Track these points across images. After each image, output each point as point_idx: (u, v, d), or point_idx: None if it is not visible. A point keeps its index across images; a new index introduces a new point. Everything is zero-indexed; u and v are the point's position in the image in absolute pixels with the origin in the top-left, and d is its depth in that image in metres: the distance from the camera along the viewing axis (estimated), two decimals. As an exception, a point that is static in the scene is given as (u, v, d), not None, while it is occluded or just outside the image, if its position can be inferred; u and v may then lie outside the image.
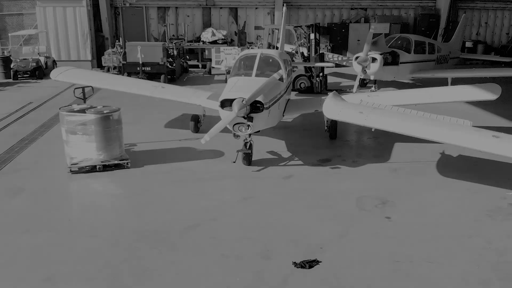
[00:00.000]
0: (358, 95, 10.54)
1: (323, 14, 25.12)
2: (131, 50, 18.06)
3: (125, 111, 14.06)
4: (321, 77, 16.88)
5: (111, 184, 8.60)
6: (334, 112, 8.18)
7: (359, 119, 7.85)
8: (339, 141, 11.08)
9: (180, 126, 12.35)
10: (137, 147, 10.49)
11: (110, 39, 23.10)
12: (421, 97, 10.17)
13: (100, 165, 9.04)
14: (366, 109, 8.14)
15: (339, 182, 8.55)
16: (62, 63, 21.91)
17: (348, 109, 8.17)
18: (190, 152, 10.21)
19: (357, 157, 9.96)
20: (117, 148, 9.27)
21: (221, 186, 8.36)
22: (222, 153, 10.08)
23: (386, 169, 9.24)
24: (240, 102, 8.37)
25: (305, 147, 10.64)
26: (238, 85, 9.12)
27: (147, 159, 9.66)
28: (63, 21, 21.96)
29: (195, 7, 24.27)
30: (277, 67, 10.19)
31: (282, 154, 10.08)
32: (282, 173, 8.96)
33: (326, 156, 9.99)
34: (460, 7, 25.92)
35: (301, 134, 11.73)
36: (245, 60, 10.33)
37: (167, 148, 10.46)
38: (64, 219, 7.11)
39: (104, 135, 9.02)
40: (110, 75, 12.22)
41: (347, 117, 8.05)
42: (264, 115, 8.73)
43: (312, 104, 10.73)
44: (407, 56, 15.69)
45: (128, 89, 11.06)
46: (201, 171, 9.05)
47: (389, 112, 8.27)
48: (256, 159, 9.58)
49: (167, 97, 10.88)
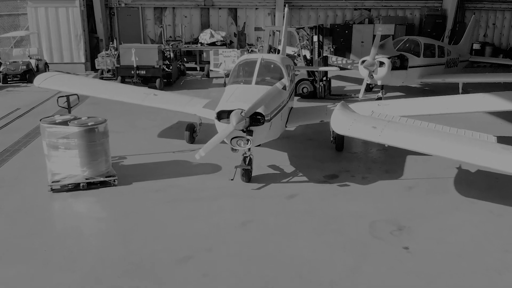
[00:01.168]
0: (368, 104, 9.70)
1: (325, 15, 24.28)
2: (125, 52, 17.21)
3: (116, 118, 13.43)
4: (325, 82, 16.05)
5: (96, 205, 7.77)
6: (343, 127, 7.34)
7: (373, 135, 7.01)
8: (346, 153, 10.25)
9: (175, 135, 11.51)
10: (127, 160, 9.66)
11: (104, 41, 22.25)
12: (435, 107, 9.32)
13: (84, 182, 8.21)
14: (379, 123, 7.30)
15: (349, 203, 7.71)
16: (55, 66, 21.26)
17: (360, 123, 7.33)
18: (184, 166, 9.38)
19: (366, 172, 9.12)
20: (103, 163, 8.44)
21: (217, 207, 7.52)
22: (219, 167, 9.25)
23: (400, 187, 8.41)
24: (239, 114, 7.54)
25: (309, 160, 9.80)
26: (237, 95, 8.29)
27: (136, 175, 8.83)
28: (55, 22, 21.12)
29: (193, 7, 23.43)
30: (279, 74, 9.38)
31: (285, 169, 9.25)
32: (285, 191, 8.12)
33: (333, 171, 9.15)
34: (467, 7, 25.08)
35: (304, 145, 10.90)
36: (244, 66, 9.50)
37: (159, 162, 9.62)
38: (40, 248, 6.28)
39: (88, 149, 8.20)
40: (99, 81, 11.39)
41: (359, 132, 7.20)
42: (265, 128, 7.90)
43: (317, 114, 9.89)
44: (416, 60, 14.84)
45: (116, 96, 10.22)
46: (195, 189, 8.22)
47: (406, 126, 7.42)
48: (256, 174, 8.75)
49: (159, 106, 10.04)
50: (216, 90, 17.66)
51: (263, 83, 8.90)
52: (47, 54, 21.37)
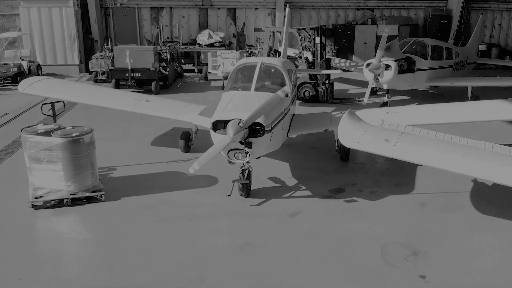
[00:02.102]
0: (376, 112, 9.03)
1: (327, 15, 23.59)
2: (119, 54, 16.50)
3: (108, 123, 12.74)
4: (327, 85, 15.36)
5: (79, 224, 7.09)
6: (352, 140, 6.64)
7: (386, 150, 6.32)
8: (352, 164, 9.56)
9: (169, 143, 10.83)
10: (116, 172, 8.98)
11: (99, 42, 21.55)
12: (449, 116, 8.61)
13: (69, 198, 7.54)
14: (392, 135, 6.62)
15: (357, 222, 7.03)
16: (48, 68, 20.61)
17: (370, 136, 6.64)
18: (178, 178, 8.69)
19: (375, 185, 8.44)
20: (89, 177, 7.76)
21: (213, 228, 6.83)
22: (215, 180, 8.58)
23: (412, 203, 7.72)
24: (236, 124, 6.86)
25: (313, 171, 9.12)
26: (234, 103, 7.61)
27: (126, 188, 8.16)
28: (48, 22, 20.41)
29: (191, 7, 22.73)
30: (281, 79, 8.70)
31: (286, 182, 8.56)
32: (287, 208, 7.43)
33: (339, 184, 8.47)
34: (472, 7, 24.40)
35: (307, 154, 10.21)
36: (243, 70, 8.82)
37: (151, 173, 8.94)
38: (15, 277, 5.61)
39: (73, 162, 7.53)
40: (88, 86, 10.70)
41: (370, 146, 6.51)
42: (265, 139, 7.22)
43: (321, 122, 9.20)
44: (424, 62, 14.14)
45: (105, 103, 9.54)
46: (189, 206, 7.54)
47: (422, 139, 6.72)
48: (255, 188, 8.08)
49: (152, 113, 9.35)
50: (214, 94, 16.97)
51: (263, 89, 8.23)
52: (40, 55, 20.67)
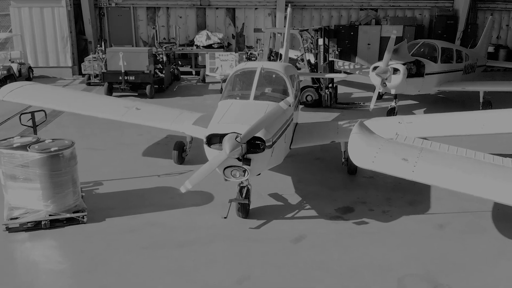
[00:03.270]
0: (387, 121, 8.27)
1: (329, 15, 22.78)
2: (112, 56, 15.69)
3: (99, 131, 11.87)
4: (331, 89, 14.58)
5: (57, 251, 6.33)
6: (366, 159, 5.84)
7: (404, 171, 5.53)
8: (360, 178, 8.78)
9: (162, 153, 10.05)
10: (103, 187, 8.20)
11: (93, 43, 20.75)
12: (469, 126, 7.80)
13: (47, 220, 6.78)
14: (411, 153, 5.83)
15: (369, 248, 6.25)
16: (40, 70, 19.83)
17: (386, 154, 5.85)
18: (170, 194, 7.91)
19: (387, 204, 7.66)
20: (71, 195, 7.00)
21: (206, 257, 6.05)
22: (211, 197, 7.82)
23: (429, 225, 6.94)
24: (233, 139, 6.09)
25: (317, 186, 8.34)
26: (231, 113, 6.83)
27: (111, 207, 7.39)
28: (40, 23, 19.57)
29: (188, 7, 21.92)
30: (283, 86, 7.93)
31: (289, 199, 7.79)
32: (290, 232, 6.65)
33: (347, 202, 7.69)
34: (479, 8, 23.61)
35: (311, 166, 9.42)
36: (241, 76, 8.05)
37: (141, 189, 8.17)
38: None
39: (51, 180, 6.78)
40: (74, 93, 9.91)
41: (386, 166, 5.70)
42: (265, 155, 6.44)
43: (327, 133, 8.41)
44: (433, 66, 13.33)
45: (92, 111, 8.76)
46: (181, 229, 6.76)
47: (444, 157, 5.93)
48: (254, 207, 7.31)
49: (141, 123, 8.57)
50: (211, 97, 16.19)
51: (263, 98, 7.46)
52: (31, 57, 19.85)
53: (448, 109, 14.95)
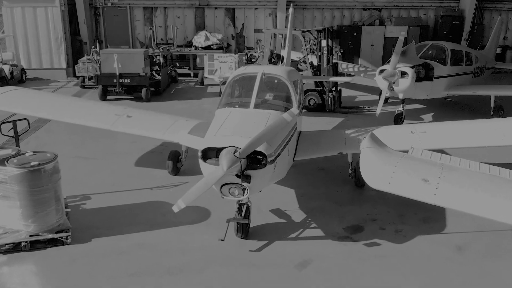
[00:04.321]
0: (399, 130, 7.65)
1: (331, 15, 22.17)
2: (106, 58, 15.07)
3: (91, 138, 11.15)
4: (334, 92, 13.96)
5: (36, 279, 5.69)
6: (381, 179, 5.18)
7: (426, 194, 4.88)
8: (369, 191, 8.11)
9: (156, 163, 9.42)
10: (90, 202, 7.58)
11: (89, 44, 20.12)
12: (487, 137, 7.15)
13: (27, 241, 6.15)
14: (431, 172, 5.19)
15: (382, 276, 5.62)
16: (33, 72, 19.24)
17: (404, 173, 5.21)
18: (163, 210, 7.28)
19: (399, 221, 7.03)
20: (53, 214, 6.37)
21: (201, 285, 5.42)
22: (207, 213, 7.19)
23: (447, 247, 6.31)
24: (231, 154, 5.46)
25: (323, 201, 7.72)
26: (229, 124, 6.20)
27: (98, 225, 6.77)
28: (33, 23, 18.97)
29: (187, 7, 21.30)
30: (286, 92, 7.30)
31: (292, 215, 7.16)
32: (294, 255, 6.02)
33: (355, 219, 7.06)
34: (485, 8, 23.00)
35: (315, 178, 8.79)
36: (240, 82, 7.42)
37: (132, 204, 7.54)
38: None
39: (32, 197, 6.17)
40: (62, 99, 9.23)
41: (405, 188, 5.04)
42: (267, 171, 5.81)
43: (334, 143, 7.77)
44: (443, 69, 12.69)
45: (80, 119, 8.13)
46: (173, 251, 6.13)
47: (470, 177, 5.28)
48: (255, 225, 6.70)
49: (133, 132, 7.94)
50: (210, 101, 15.59)
51: (264, 106, 6.83)
52: (24, 59, 19.25)
53: (456, 113, 14.36)
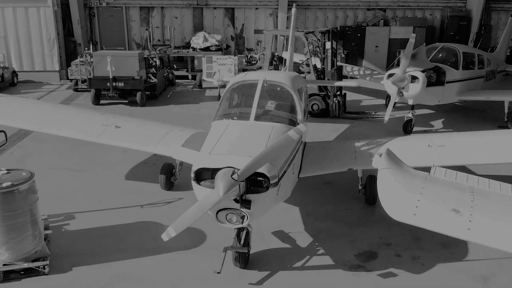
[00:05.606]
0: (414, 142, 6.95)
1: (334, 16, 21.44)
2: (99, 61, 14.34)
3: (77, 147, 10.14)
4: (339, 97, 13.25)
5: (3, 318, 4.98)
6: (405, 210, 4.42)
7: (457, 228, 4.11)
8: (380, 209, 7.27)
9: (149, 175, 8.71)
10: (74, 222, 6.86)
11: (83, 45, 19.39)
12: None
13: (0, 271, 5.44)
14: (462, 200, 4.46)
15: (401, 315, 4.91)
16: (25, 74, 18.51)
17: (431, 202, 4.47)
18: (153, 232, 6.53)
19: (415, 246, 6.31)
20: (29, 240, 5.66)
21: (193, 328, 4.72)
22: (202, 236, 6.49)
23: (470, 277, 5.60)
24: (229, 176, 4.75)
25: (331, 222, 7.00)
26: (227, 140, 5.48)
27: (81, 251, 6.06)
28: (25, 24, 18.25)
29: (184, 7, 20.58)
30: (290, 102, 6.60)
31: (297, 239, 6.44)
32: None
33: (367, 244, 6.34)
34: (493, 8, 22.30)
35: (321, 193, 8.07)
36: (239, 90, 6.71)
37: (120, 224, 6.83)
38: None
39: (5, 222, 5.50)
40: (46, 108, 8.44)
41: (433, 221, 4.26)
42: (270, 195, 5.09)
43: (343, 158, 7.02)
44: (455, 73, 11.97)
45: (63, 131, 7.40)
46: (162, 285, 5.41)
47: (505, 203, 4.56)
48: (256, 251, 5.98)
49: (120, 145, 7.22)
50: (208, 105, 14.87)
51: (266, 118, 6.11)
52: (15, 61, 18.54)
53: (467, 118, 13.65)
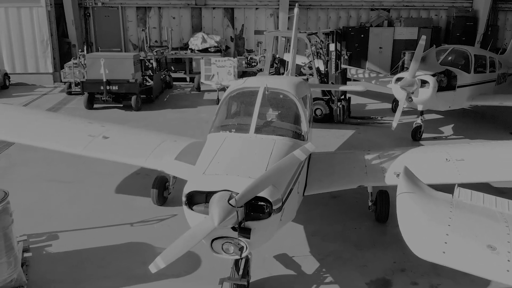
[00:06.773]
0: (431, 156, 6.33)
1: (337, 16, 20.82)
2: (93, 63, 13.73)
3: (67, 155, 9.66)
4: (343, 101, 12.62)
5: None
6: (433, 247, 3.78)
7: (494, 268, 3.44)
8: (393, 228, 6.78)
9: (141, 188, 8.09)
10: (57, 243, 6.24)
11: (77, 47, 18.76)
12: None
13: (-33, 305, 4.85)
14: (497, 233, 3.83)
15: None
16: (17, 77, 17.94)
17: (461, 236, 3.82)
18: (142, 255, 5.94)
19: (434, 272, 5.68)
20: (4, 268, 5.06)
21: None
22: (197, 261, 5.86)
23: (500, 313, 4.98)
24: (225, 201, 4.11)
25: (339, 242, 6.37)
26: (223, 157, 4.85)
27: (62, 278, 5.45)
28: (17, 24, 17.64)
29: (182, 7, 19.96)
30: (294, 111, 5.98)
31: (302, 265, 5.81)
32: (307, 327, 4.70)
33: (380, 269, 5.72)
34: (500, 8, 21.66)
35: (328, 209, 7.45)
36: (238, 99, 6.08)
37: (106, 247, 6.20)
38: None
39: (-27, 248, 4.83)
40: (30, 116, 7.80)
41: (465, 261, 3.61)
42: (272, 222, 4.45)
43: (352, 172, 6.39)
44: (466, 77, 11.34)
45: (46, 142, 6.77)
46: (152, 319, 4.81)
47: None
48: (256, 279, 5.36)
49: (107, 158, 6.57)
50: (207, 109, 14.25)
51: (268, 131, 5.48)
52: (7, 62, 17.92)
53: (478, 124, 13.02)
